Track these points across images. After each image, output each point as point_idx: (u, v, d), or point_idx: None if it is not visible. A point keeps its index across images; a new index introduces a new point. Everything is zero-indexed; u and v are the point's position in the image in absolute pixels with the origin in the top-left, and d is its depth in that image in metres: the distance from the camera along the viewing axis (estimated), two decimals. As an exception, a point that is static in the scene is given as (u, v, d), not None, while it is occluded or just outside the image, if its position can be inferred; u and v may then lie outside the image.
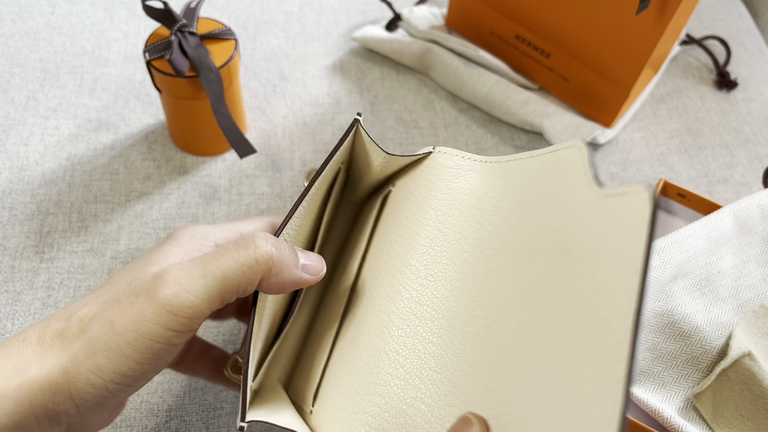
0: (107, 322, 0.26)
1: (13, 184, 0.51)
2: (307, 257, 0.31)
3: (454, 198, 0.33)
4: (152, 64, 0.47)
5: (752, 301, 0.42)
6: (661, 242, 0.40)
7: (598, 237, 0.25)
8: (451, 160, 0.34)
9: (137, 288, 0.27)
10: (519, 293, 0.28)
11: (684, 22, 0.52)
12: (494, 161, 0.33)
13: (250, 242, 0.28)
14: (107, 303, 0.27)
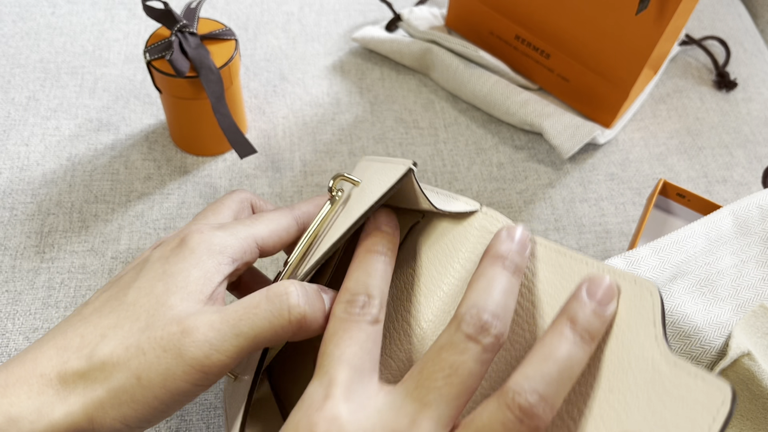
0: (133, 375, 0.26)
1: (14, 184, 0.51)
2: (331, 298, 0.30)
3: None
4: (153, 64, 0.47)
5: (752, 301, 0.42)
6: (661, 242, 0.41)
7: (656, 400, 0.24)
8: (495, 225, 0.32)
9: (164, 341, 0.26)
10: None
11: (683, 22, 0.52)
12: (542, 244, 0.31)
13: (284, 300, 0.27)
14: (131, 349, 0.26)
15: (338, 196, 0.34)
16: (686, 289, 0.41)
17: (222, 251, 0.30)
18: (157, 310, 0.27)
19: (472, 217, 0.33)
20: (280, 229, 0.34)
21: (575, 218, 0.54)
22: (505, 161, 0.57)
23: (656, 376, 0.25)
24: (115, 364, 0.26)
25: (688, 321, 0.40)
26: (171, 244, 0.30)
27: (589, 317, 0.27)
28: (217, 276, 0.29)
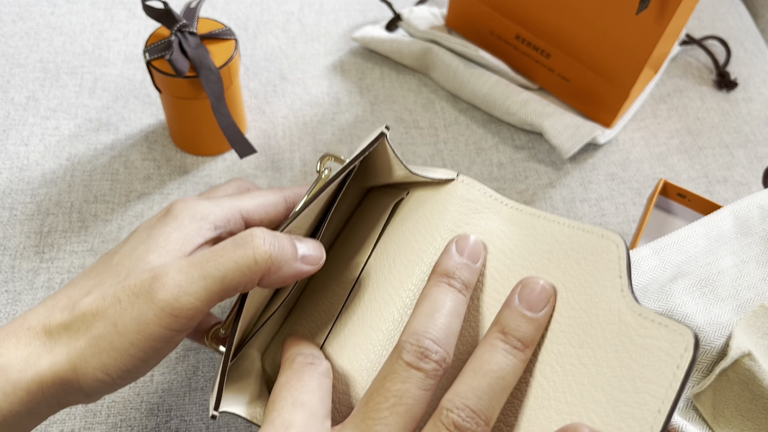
0: (110, 322, 0.27)
1: (14, 184, 0.51)
2: (306, 246, 0.31)
3: (466, 232, 0.33)
4: (152, 64, 0.47)
5: (752, 301, 0.42)
6: (661, 242, 0.40)
7: (623, 351, 0.25)
8: (473, 193, 0.33)
9: (136, 287, 0.27)
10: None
11: (684, 22, 0.52)
12: (517, 209, 0.32)
13: (248, 241, 0.28)
14: (108, 298, 0.27)
15: (324, 175, 0.35)
16: (687, 289, 0.41)
17: (204, 217, 0.31)
18: (136, 265, 0.29)
19: (450, 185, 0.33)
20: (266, 203, 0.34)
21: (575, 218, 0.54)
22: (506, 161, 0.57)
23: (623, 329, 0.25)
24: (95, 314, 0.27)
25: (689, 321, 0.40)
26: (158, 215, 0.32)
27: (521, 325, 0.27)
28: (197, 238, 0.30)
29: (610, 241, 0.28)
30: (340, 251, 0.37)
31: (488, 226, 0.32)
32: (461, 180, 0.34)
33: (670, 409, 0.22)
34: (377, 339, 0.31)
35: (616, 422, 0.24)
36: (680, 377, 0.22)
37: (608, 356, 0.26)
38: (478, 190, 0.33)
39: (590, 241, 0.29)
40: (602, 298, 0.27)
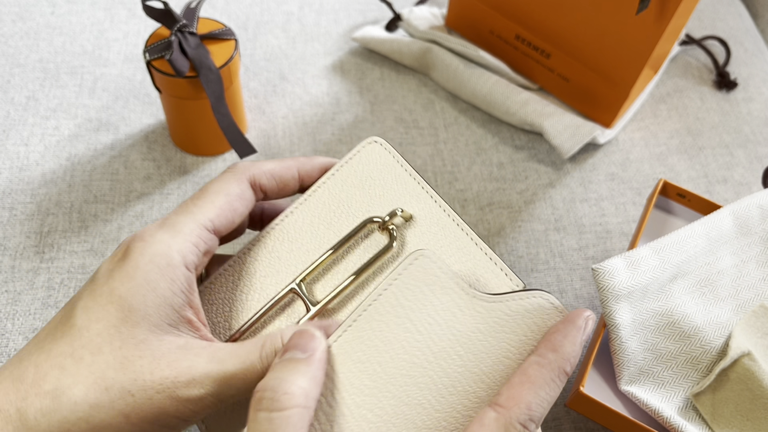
0: (119, 414, 0.25)
1: (13, 184, 0.51)
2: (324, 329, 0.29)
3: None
4: (152, 64, 0.47)
5: (752, 301, 0.42)
6: (661, 242, 0.40)
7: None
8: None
9: (156, 384, 0.26)
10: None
11: (684, 22, 0.52)
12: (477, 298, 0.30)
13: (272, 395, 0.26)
14: (112, 391, 0.25)
15: (394, 233, 0.32)
16: (686, 289, 0.41)
17: (170, 263, 0.27)
18: (124, 344, 0.26)
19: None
20: (230, 202, 0.30)
21: (575, 218, 0.54)
22: (506, 161, 0.57)
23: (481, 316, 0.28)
24: (94, 406, 0.25)
25: (689, 321, 0.40)
26: (117, 255, 0.28)
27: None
28: (176, 298, 0.27)
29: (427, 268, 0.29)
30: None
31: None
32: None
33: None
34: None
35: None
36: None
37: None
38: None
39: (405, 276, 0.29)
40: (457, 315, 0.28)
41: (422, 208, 0.32)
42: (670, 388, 0.39)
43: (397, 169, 0.33)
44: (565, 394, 0.45)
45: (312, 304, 0.31)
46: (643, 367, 0.39)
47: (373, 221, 0.32)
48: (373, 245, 0.32)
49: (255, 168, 0.32)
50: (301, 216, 0.34)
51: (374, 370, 0.28)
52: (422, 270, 0.29)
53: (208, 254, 0.30)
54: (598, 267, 0.39)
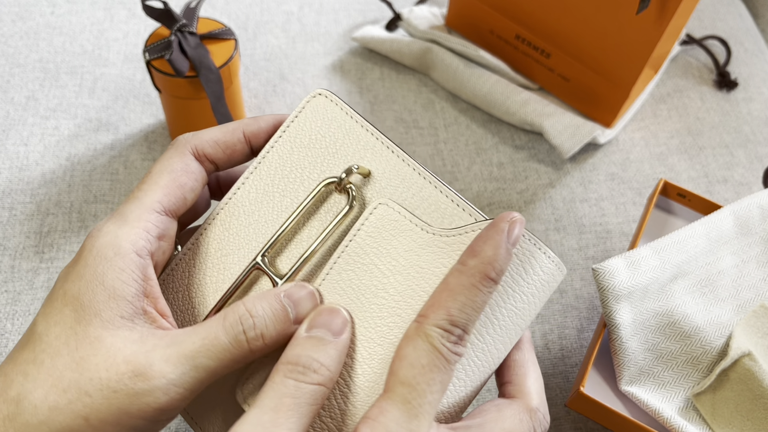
0: (79, 416, 0.24)
1: (13, 184, 0.51)
2: (298, 302, 0.28)
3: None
4: (152, 64, 0.47)
5: (752, 301, 0.42)
6: (661, 242, 0.40)
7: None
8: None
9: (112, 381, 0.25)
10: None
11: (684, 22, 0.51)
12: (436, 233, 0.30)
13: (240, 331, 0.26)
14: (69, 393, 0.24)
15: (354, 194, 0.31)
16: (687, 289, 0.41)
17: (117, 252, 0.26)
18: (80, 344, 0.25)
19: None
20: (175, 179, 0.29)
21: (576, 218, 0.54)
22: (506, 161, 0.57)
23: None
24: (53, 408, 0.24)
25: (689, 321, 0.40)
26: (74, 257, 0.28)
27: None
28: (127, 288, 0.26)
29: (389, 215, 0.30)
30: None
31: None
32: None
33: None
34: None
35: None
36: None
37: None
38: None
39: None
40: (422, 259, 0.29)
41: (380, 161, 0.31)
42: (671, 388, 0.39)
43: (348, 122, 0.31)
44: (565, 394, 0.45)
45: (279, 277, 0.30)
46: (644, 368, 0.39)
47: (329, 182, 0.31)
48: (334, 207, 0.31)
49: (195, 139, 0.30)
50: (253, 186, 0.32)
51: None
52: (381, 218, 0.29)
53: (165, 238, 0.29)
54: (598, 267, 0.39)
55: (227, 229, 0.32)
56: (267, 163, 0.32)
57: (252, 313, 0.26)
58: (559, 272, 0.30)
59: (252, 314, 0.26)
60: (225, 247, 0.31)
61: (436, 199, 0.30)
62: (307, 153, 0.32)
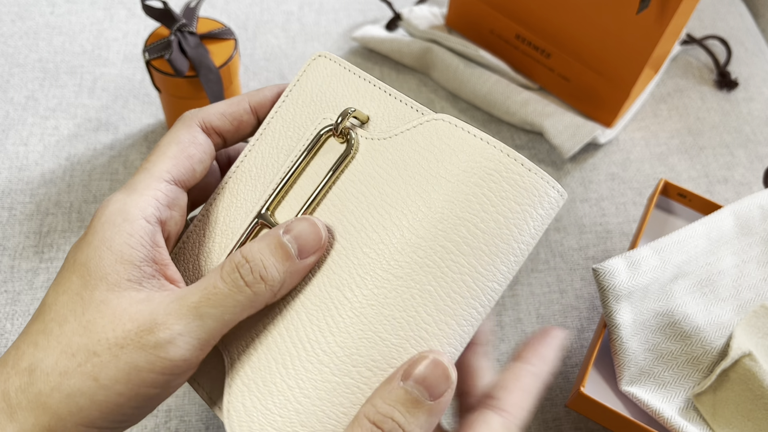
0: (87, 377, 0.24)
1: (13, 184, 0.51)
2: (298, 235, 0.27)
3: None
4: (152, 63, 0.47)
5: (753, 301, 0.42)
6: (662, 242, 0.40)
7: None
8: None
9: (120, 339, 0.25)
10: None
11: (684, 21, 0.51)
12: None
13: (238, 278, 0.26)
14: (78, 356, 0.25)
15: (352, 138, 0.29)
16: (687, 290, 0.41)
17: (126, 218, 0.27)
18: (86, 308, 0.25)
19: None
20: (183, 149, 0.29)
21: (576, 218, 0.54)
22: (506, 161, 0.57)
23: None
24: (63, 373, 0.25)
25: (690, 321, 0.40)
26: (86, 229, 0.28)
27: None
28: (134, 252, 0.26)
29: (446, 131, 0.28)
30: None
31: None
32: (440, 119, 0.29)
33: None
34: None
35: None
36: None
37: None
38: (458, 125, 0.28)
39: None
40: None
41: (379, 105, 0.30)
42: (671, 388, 0.39)
43: (347, 75, 0.31)
44: (565, 394, 0.45)
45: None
46: (644, 368, 0.39)
47: (327, 130, 0.30)
48: (333, 154, 0.30)
49: (202, 112, 0.31)
50: (259, 152, 0.31)
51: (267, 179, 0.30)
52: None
53: (176, 207, 0.29)
54: (598, 267, 0.39)
55: (235, 195, 0.31)
56: (272, 128, 0.31)
57: (248, 257, 0.26)
58: (561, 199, 0.28)
59: (248, 259, 0.26)
60: (233, 213, 0.31)
61: (462, 139, 0.28)
62: (309, 111, 0.31)
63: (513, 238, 0.26)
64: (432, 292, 0.26)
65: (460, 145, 0.27)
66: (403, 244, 0.26)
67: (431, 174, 0.27)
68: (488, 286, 0.26)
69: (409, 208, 0.27)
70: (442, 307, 0.26)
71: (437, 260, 0.26)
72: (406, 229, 0.26)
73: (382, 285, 0.26)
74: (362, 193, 0.28)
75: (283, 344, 0.27)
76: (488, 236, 0.26)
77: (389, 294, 0.26)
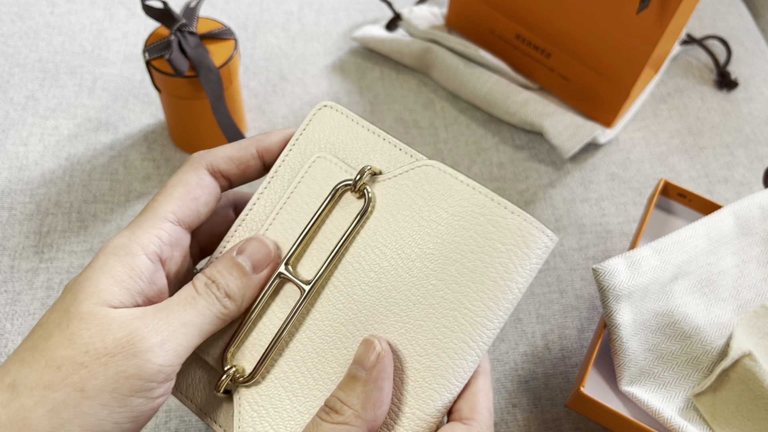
0: (75, 389, 0.25)
1: (13, 184, 0.51)
2: (249, 256, 0.30)
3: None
4: (152, 63, 0.47)
5: (753, 301, 0.42)
6: (662, 242, 0.40)
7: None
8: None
9: (109, 347, 0.25)
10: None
11: (684, 21, 0.51)
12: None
13: (213, 294, 0.28)
14: (65, 368, 0.25)
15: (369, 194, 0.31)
16: (687, 290, 0.41)
17: (128, 252, 0.28)
18: (71, 321, 0.26)
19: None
20: (189, 191, 0.30)
21: (576, 218, 0.54)
22: (506, 161, 0.57)
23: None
24: (48, 386, 0.25)
25: (690, 321, 0.40)
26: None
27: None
28: (133, 282, 0.27)
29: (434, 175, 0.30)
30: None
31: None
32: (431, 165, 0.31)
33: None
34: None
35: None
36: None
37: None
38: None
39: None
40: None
41: (388, 159, 0.31)
42: (671, 388, 0.39)
43: (355, 127, 0.32)
44: (565, 394, 0.45)
45: (305, 284, 0.30)
46: (644, 368, 0.39)
47: (345, 186, 0.31)
48: (351, 209, 0.31)
49: (210, 155, 0.32)
50: (269, 200, 0.32)
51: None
52: (320, 168, 0.32)
53: (178, 248, 0.30)
54: (598, 267, 0.39)
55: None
56: (279, 176, 0.32)
57: (213, 278, 0.29)
58: (549, 240, 0.29)
59: (213, 279, 0.29)
60: None
61: (450, 185, 0.30)
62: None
63: (500, 276, 0.28)
64: (423, 327, 0.28)
65: (448, 191, 0.29)
66: (398, 283, 0.29)
67: (423, 218, 0.29)
68: (477, 321, 0.28)
69: (404, 249, 0.29)
70: (435, 341, 0.28)
71: (429, 297, 0.28)
72: (402, 269, 0.29)
73: (380, 321, 0.29)
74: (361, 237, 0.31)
75: (291, 374, 0.29)
76: (475, 274, 0.28)
77: (387, 329, 0.29)
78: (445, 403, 0.28)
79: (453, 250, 0.28)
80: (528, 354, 0.46)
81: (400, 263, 0.29)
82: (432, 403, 0.28)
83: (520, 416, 0.44)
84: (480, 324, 0.28)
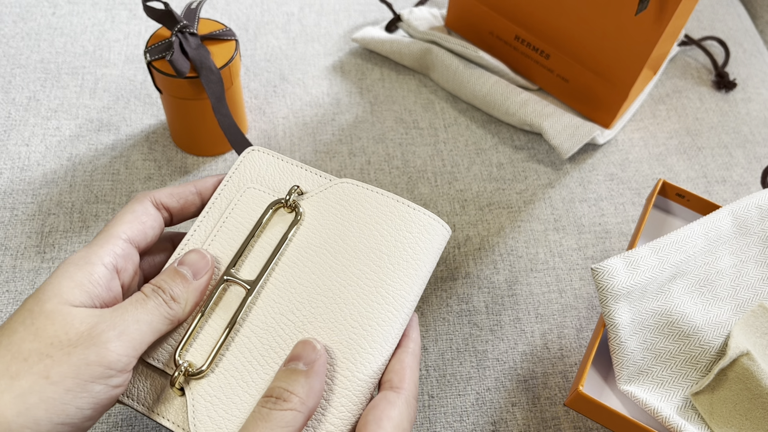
0: (40, 376, 0.27)
1: (15, 185, 0.51)
2: (189, 265, 0.33)
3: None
4: (153, 64, 0.47)
5: (750, 300, 0.42)
6: (660, 242, 0.41)
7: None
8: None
9: (72, 339, 0.28)
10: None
11: (683, 22, 0.52)
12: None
13: (160, 299, 0.32)
14: (31, 358, 0.27)
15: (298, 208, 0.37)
16: (686, 289, 0.41)
17: (87, 261, 0.31)
18: (35, 319, 0.28)
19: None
20: (136, 217, 0.34)
21: (575, 218, 0.54)
22: (505, 161, 0.57)
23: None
24: (14, 376, 0.27)
25: (688, 321, 0.40)
26: None
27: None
28: (92, 287, 0.30)
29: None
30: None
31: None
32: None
33: None
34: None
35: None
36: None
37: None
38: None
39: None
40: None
41: (311, 184, 0.38)
42: (669, 387, 0.40)
43: (280, 163, 0.39)
44: (564, 393, 0.45)
45: (249, 284, 0.34)
46: (642, 367, 0.39)
47: (278, 203, 0.37)
48: (284, 223, 0.37)
49: (154, 191, 0.37)
50: (208, 225, 0.37)
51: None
52: (251, 196, 0.37)
53: (129, 261, 0.33)
54: (597, 267, 0.39)
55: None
56: (216, 206, 0.37)
57: (159, 285, 0.32)
58: (445, 230, 0.36)
59: (159, 286, 0.32)
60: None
61: (363, 194, 0.37)
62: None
63: (410, 257, 0.35)
64: (355, 304, 0.33)
65: (363, 198, 0.36)
66: (330, 273, 0.34)
67: (344, 221, 0.36)
68: (398, 293, 0.34)
69: (332, 246, 0.35)
70: (365, 314, 0.33)
71: (356, 279, 0.34)
72: (332, 262, 0.35)
73: (317, 306, 0.34)
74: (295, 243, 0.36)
75: (239, 363, 0.33)
76: (391, 257, 0.35)
77: (324, 311, 0.33)
78: (380, 365, 0.32)
79: (371, 241, 0.35)
80: (527, 353, 0.47)
81: (329, 257, 0.35)
82: (369, 365, 0.32)
83: (519, 415, 0.44)
84: (400, 296, 0.34)
